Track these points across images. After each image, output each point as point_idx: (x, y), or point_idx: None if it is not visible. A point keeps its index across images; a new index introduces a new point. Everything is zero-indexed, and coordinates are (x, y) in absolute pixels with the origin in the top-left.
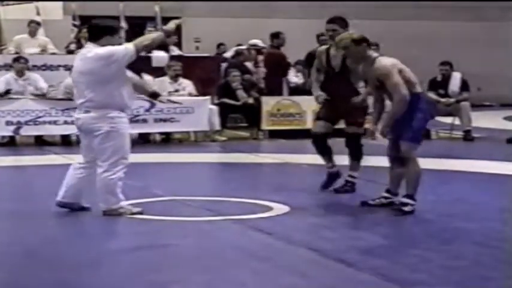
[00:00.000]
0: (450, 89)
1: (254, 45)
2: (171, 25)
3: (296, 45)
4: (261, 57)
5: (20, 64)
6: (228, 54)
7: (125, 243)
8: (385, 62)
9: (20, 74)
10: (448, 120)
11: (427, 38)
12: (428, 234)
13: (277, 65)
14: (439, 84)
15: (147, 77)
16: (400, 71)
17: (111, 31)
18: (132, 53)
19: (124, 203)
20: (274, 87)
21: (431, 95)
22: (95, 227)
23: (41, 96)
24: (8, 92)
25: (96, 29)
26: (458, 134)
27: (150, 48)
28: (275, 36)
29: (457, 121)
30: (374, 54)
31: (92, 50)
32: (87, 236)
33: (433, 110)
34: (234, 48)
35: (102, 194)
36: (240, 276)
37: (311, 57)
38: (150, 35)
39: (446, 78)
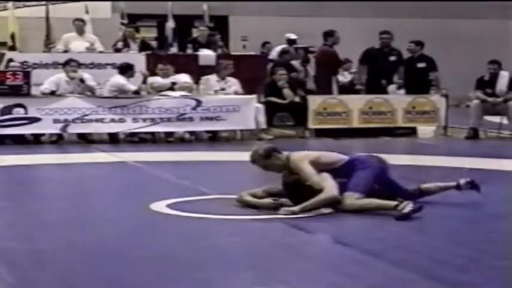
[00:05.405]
0: (498, 88)
1: (288, 38)
2: None
3: (344, 43)
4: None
5: (71, 67)
6: (273, 53)
7: (171, 241)
8: (297, 156)
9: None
10: (496, 119)
11: (475, 36)
12: (475, 234)
13: (328, 64)
14: (487, 83)
15: (185, 76)
16: (315, 160)
17: None
18: None
19: None
20: (323, 86)
21: (479, 94)
22: (141, 225)
23: (88, 94)
24: (53, 93)
25: None
26: (507, 133)
27: None
28: (329, 34)
29: (505, 120)
30: (284, 154)
31: None
32: (133, 234)
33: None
34: (278, 48)
35: None
36: (285, 274)
37: (367, 54)
38: None
39: (494, 77)
